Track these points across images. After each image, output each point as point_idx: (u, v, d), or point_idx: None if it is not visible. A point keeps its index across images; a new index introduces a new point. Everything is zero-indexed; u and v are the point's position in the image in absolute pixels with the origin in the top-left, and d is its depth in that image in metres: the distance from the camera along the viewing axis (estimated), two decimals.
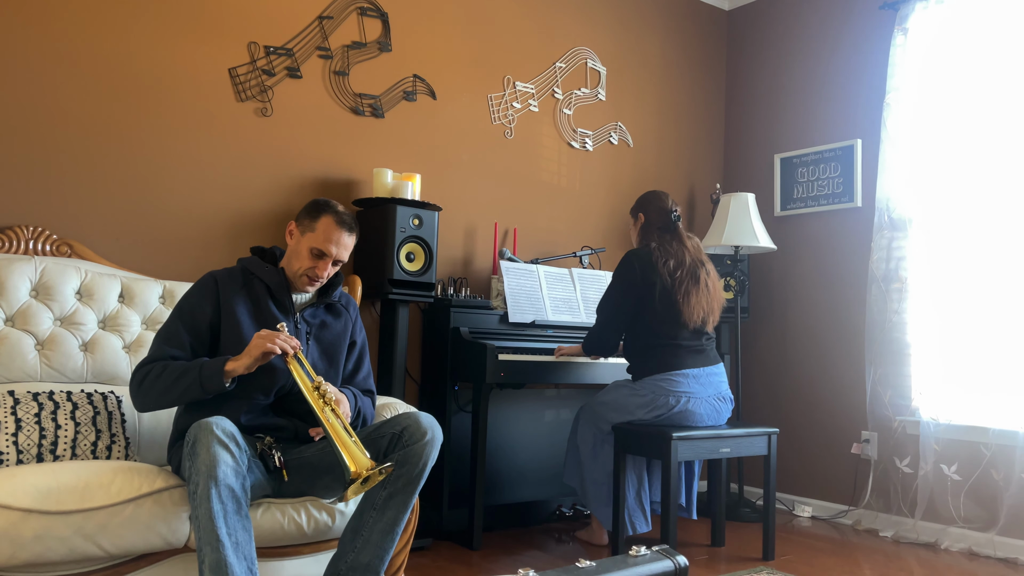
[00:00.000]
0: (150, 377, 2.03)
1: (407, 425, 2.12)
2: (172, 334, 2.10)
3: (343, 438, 1.87)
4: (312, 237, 2.17)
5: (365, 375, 2.36)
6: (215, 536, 1.77)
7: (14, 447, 2.09)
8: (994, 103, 3.52)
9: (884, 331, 3.77)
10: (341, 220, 2.19)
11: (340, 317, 2.31)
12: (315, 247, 2.16)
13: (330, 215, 2.19)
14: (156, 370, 2.03)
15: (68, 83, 2.76)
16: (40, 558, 1.82)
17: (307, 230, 2.18)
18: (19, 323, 2.40)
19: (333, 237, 2.17)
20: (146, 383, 2.04)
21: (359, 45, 3.40)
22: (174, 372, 2.01)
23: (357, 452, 1.86)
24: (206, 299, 2.14)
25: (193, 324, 2.11)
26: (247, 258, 2.26)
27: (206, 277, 2.19)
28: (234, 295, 2.15)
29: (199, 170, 3.02)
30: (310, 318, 2.24)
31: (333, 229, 2.17)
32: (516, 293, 3.42)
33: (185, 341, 2.09)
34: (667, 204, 3.17)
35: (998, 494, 3.36)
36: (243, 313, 2.14)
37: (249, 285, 2.19)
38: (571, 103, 4.08)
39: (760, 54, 4.59)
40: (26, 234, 2.59)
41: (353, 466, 1.83)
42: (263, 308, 2.17)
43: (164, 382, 2.01)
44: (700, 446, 2.94)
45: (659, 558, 1.69)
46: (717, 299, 3.10)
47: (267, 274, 2.20)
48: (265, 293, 2.19)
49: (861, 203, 4.02)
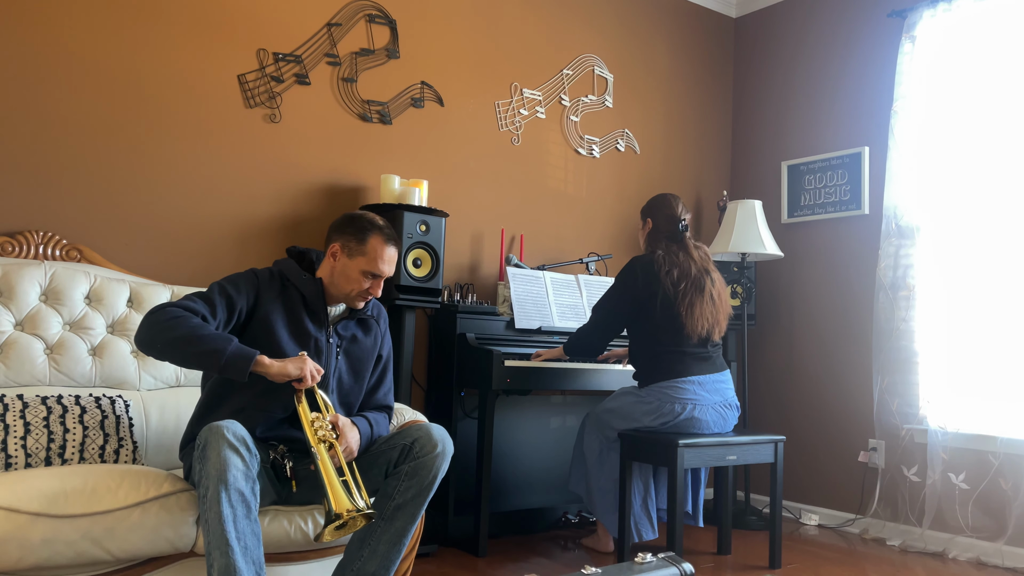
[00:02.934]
0: (174, 319, 1.93)
1: (418, 437, 2.12)
2: (208, 299, 2.05)
3: (331, 478, 1.85)
4: (364, 261, 2.15)
5: (386, 391, 2.34)
6: (224, 540, 1.77)
7: (23, 450, 2.10)
8: (1002, 111, 3.51)
9: (891, 339, 3.76)
10: (388, 237, 2.19)
11: (371, 332, 2.29)
12: (368, 270, 2.15)
13: (377, 235, 2.17)
14: (184, 317, 1.95)
15: (78, 90, 2.79)
16: (47, 562, 1.83)
17: (356, 253, 2.15)
18: (28, 327, 2.42)
19: (385, 256, 2.17)
20: (166, 321, 1.93)
21: (367, 52, 3.42)
22: (202, 329, 1.93)
23: (341, 493, 1.84)
24: (249, 288, 2.12)
25: (229, 303, 2.08)
26: (284, 261, 2.23)
27: (249, 272, 2.17)
28: (271, 299, 2.14)
29: (208, 176, 3.04)
30: (342, 331, 2.23)
31: (383, 248, 2.16)
32: (523, 299, 3.42)
33: (219, 310, 2.05)
34: (676, 211, 3.13)
35: (1006, 503, 3.34)
36: (277, 319, 2.12)
37: (285, 292, 2.17)
38: (578, 110, 4.09)
39: (767, 61, 4.60)
40: (36, 239, 2.61)
41: (335, 507, 1.81)
42: (297, 318, 2.15)
43: (186, 331, 1.91)
44: (706, 453, 2.93)
45: (665, 565, 1.69)
46: (723, 310, 3.07)
47: (304, 283, 2.17)
48: (300, 302, 2.17)
49: (868, 211, 4.02)
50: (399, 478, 2.09)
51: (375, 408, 2.31)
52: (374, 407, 2.31)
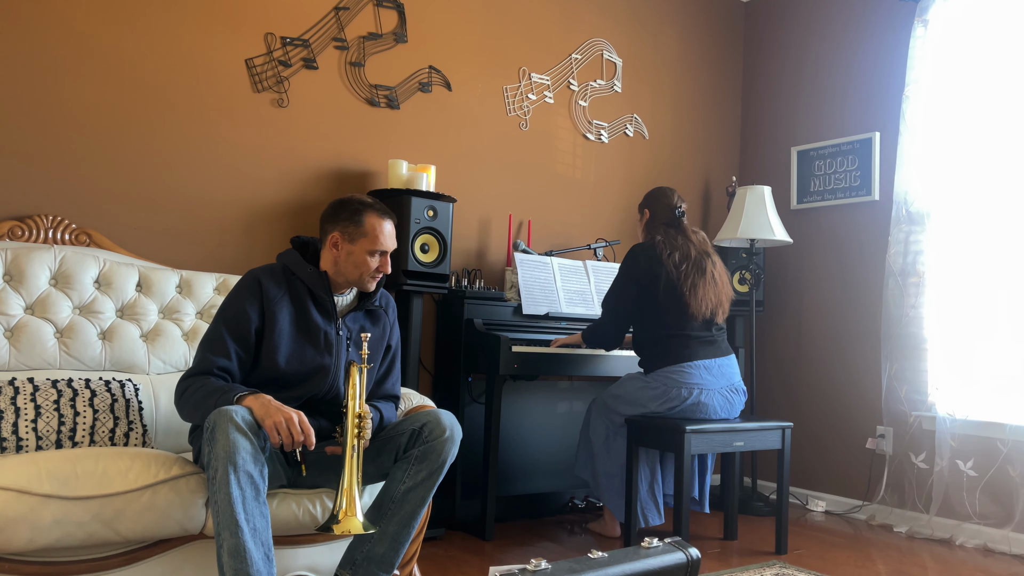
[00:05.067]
0: (187, 392, 2.02)
1: (427, 422, 2.13)
2: (217, 342, 2.07)
3: (351, 487, 1.89)
4: (366, 242, 2.15)
5: (393, 381, 2.34)
6: (234, 521, 1.79)
7: (33, 433, 2.12)
8: (1016, 96, 3.47)
9: (901, 326, 3.75)
10: (383, 212, 2.20)
11: (379, 323, 2.29)
12: (373, 249, 2.16)
13: (371, 213, 2.17)
14: (196, 385, 2.01)
15: (86, 75, 2.79)
16: (59, 543, 1.84)
17: (357, 236, 2.15)
18: (39, 311, 2.43)
19: (385, 231, 2.17)
20: (184, 398, 2.03)
21: (375, 36, 3.40)
22: (205, 392, 1.99)
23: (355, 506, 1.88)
24: (251, 305, 2.10)
25: (238, 332, 2.08)
26: (287, 253, 2.22)
27: (249, 279, 2.15)
28: (278, 300, 2.13)
29: (216, 160, 3.04)
30: (351, 323, 2.23)
31: (380, 224, 2.17)
32: (530, 285, 3.42)
33: (231, 350, 2.06)
34: (672, 200, 3.21)
35: (1014, 490, 3.33)
36: (285, 320, 2.12)
37: (292, 287, 2.17)
38: (587, 95, 4.07)
39: (777, 46, 4.56)
40: (45, 223, 2.61)
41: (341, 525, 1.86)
42: (305, 314, 2.15)
43: (195, 399, 1.99)
44: (713, 439, 2.94)
45: (671, 550, 1.70)
46: (725, 291, 3.11)
47: (308, 276, 2.17)
48: (307, 296, 2.17)
49: (879, 196, 3.99)
50: (409, 462, 2.11)
51: (383, 398, 2.31)
52: (382, 396, 2.31)
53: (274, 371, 2.10)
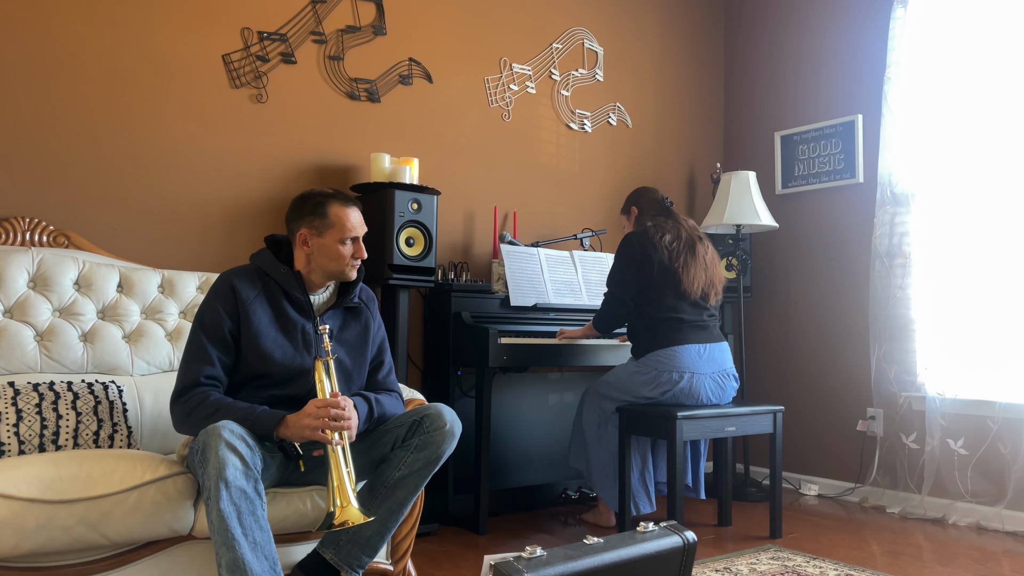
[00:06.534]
0: (197, 410, 1.97)
1: (428, 414, 2.14)
2: (200, 350, 2.04)
3: (342, 482, 1.88)
4: (334, 232, 2.13)
5: (386, 373, 2.31)
6: (229, 536, 1.77)
7: (15, 438, 2.08)
8: (997, 76, 3.48)
9: (888, 307, 3.75)
10: (345, 199, 2.18)
11: (360, 317, 2.26)
12: (343, 237, 2.13)
13: (334, 202, 2.15)
14: (205, 404, 1.97)
15: (61, 73, 2.74)
16: (44, 547, 1.81)
17: (324, 228, 2.13)
18: (18, 315, 2.39)
19: (351, 218, 2.16)
20: (194, 416, 1.97)
21: (353, 29, 3.37)
22: (226, 412, 1.96)
23: (349, 498, 1.87)
24: (224, 309, 2.07)
25: (216, 335, 2.05)
26: (260, 254, 2.20)
27: (222, 283, 2.12)
28: (252, 301, 2.10)
29: (195, 158, 3.00)
30: (329, 321, 2.20)
31: (344, 211, 2.15)
32: (517, 276, 3.40)
33: (213, 356, 2.04)
34: (657, 195, 3.28)
35: (1005, 468, 3.35)
36: (262, 322, 2.09)
37: (267, 287, 2.14)
38: (569, 84, 4.05)
39: (758, 30, 4.55)
40: (23, 225, 2.57)
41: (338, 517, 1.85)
42: (281, 311, 2.13)
43: (212, 418, 1.96)
44: (705, 425, 2.93)
45: (667, 534, 1.68)
46: (717, 274, 3.14)
47: (282, 277, 2.14)
48: (281, 296, 2.14)
49: (863, 179, 3.99)
50: (407, 450, 2.11)
51: (381, 392, 2.28)
52: (380, 391, 2.28)
53: (254, 370, 2.07)
